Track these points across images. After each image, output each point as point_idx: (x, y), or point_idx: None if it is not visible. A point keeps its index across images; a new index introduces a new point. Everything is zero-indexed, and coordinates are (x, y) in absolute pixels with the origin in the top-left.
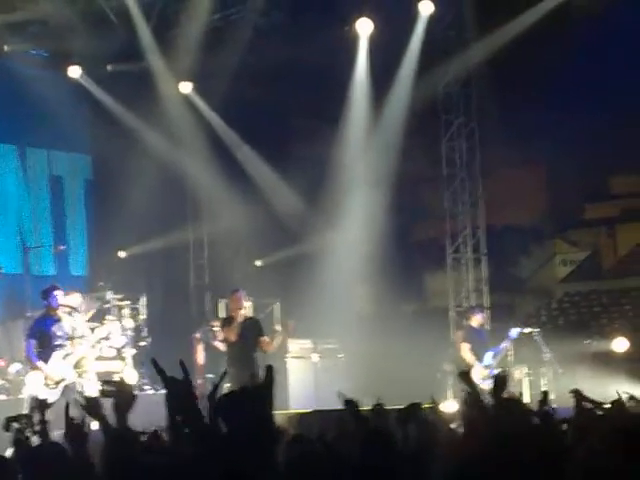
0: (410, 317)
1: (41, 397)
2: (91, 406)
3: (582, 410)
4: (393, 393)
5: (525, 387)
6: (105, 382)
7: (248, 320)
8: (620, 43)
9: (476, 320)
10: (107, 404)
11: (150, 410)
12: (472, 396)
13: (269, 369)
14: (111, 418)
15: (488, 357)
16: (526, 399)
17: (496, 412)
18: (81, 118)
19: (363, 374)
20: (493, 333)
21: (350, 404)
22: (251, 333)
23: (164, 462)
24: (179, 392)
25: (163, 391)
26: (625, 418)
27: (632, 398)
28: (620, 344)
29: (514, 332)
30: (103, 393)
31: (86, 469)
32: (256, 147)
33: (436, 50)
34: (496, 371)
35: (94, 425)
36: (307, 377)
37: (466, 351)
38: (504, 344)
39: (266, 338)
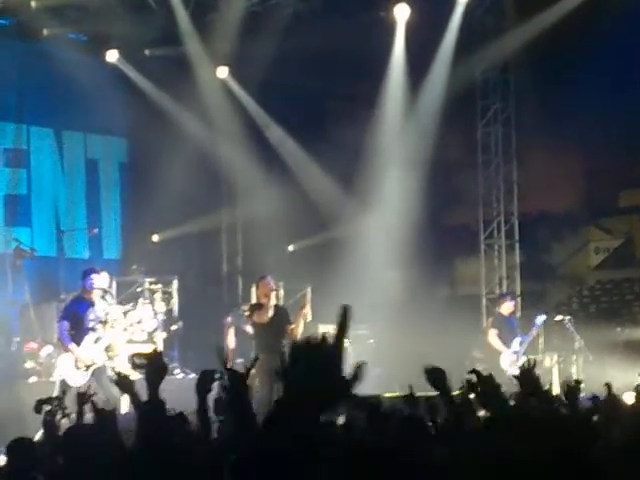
0: (441, 303)
1: (70, 381)
2: (123, 382)
3: (613, 402)
4: (422, 380)
5: (555, 375)
6: (135, 355)
7: (277, 308)
8: None
9: (506, 308)
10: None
11: (179, 395)
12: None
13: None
14: (143, 393)
15: (515, 343)
16: (556, 387)
17: (521, 401)
18: (118, 102)
19: (393, 360)
20: (524, 320)
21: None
22: (280, 320)
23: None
24: (236, 385)
25: (192, 375)
26: None
27: None
28: None
29: (540, 319)
30: (134, 365)
31: (117, 451)
32: (291, 131)
33: (474, 35)
34: (524, 358)
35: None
36: None
37: (493, 337)
38: (532, 331)
39: (293, 325)
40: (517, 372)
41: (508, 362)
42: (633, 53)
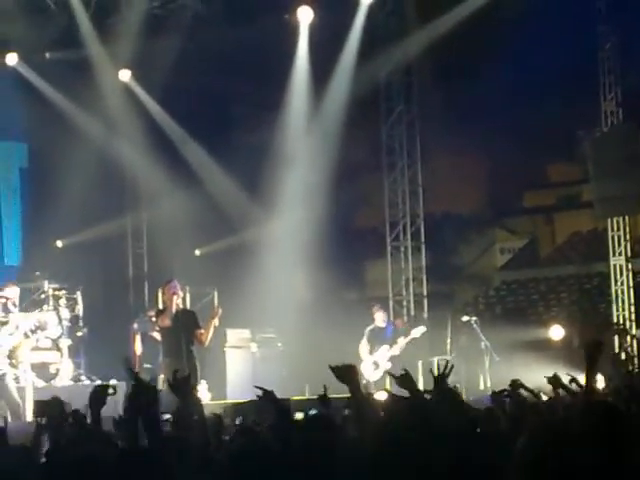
0: (350, 306)
1: None
2: None
3: (518, 401)
4: (332, 382)
5: (462, 375)
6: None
7: (184, 311)
8: (555, 33)
9: (379, 318)
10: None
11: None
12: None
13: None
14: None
15: (380, 352)
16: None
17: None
18: (17, 106)
19: (302, 363)
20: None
21: (267, 395)
22: (187, 324)
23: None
24: (144, 394)
25: (99, 382)
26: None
27: (573, 380)
28: (556, 332)
29: (417, 331)
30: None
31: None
32: (196, 135)
33: (377, 38)
34: (388, 365)
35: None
36: (245, 367)
37: (361, 346)
38: (402, 341)
39: (202, 330)
40: (374, 379)
41: (367, 370)
42: (534, 56)
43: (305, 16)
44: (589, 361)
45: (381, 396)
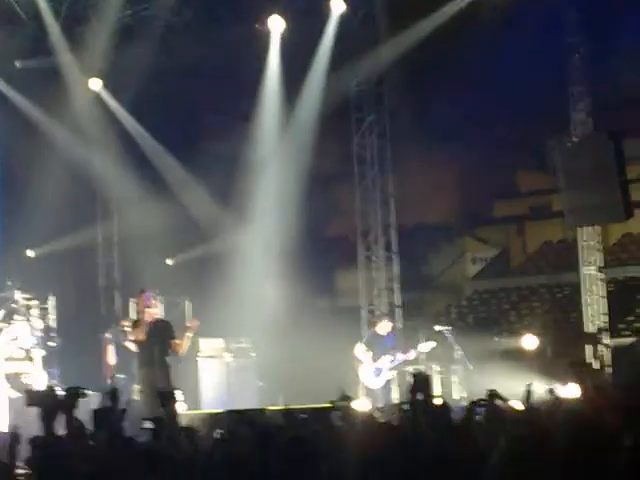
0: (322, 315)
1: None
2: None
3: (494, 411)
4: (305, 391)
5: (437, 385)
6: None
7: (159, 322)
8: (525, 44)
9: (382, 327)
10: None
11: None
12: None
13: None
14: None
15: (384, 360)
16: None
17: (412, 412)
18: None
19: (275, 373)
20: (404, 331)
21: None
22: (162, 335)
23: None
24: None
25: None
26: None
27: (551, 391)
28: (529, 341)
29: (424, 346)
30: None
31: None
32: (167, 144)
33: (348, 48)
34: (389, 375)
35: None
36: (219, 377)
37: (358, 349)
38: (409, 353)
39: (177, 340)
40: (374, 386)
41: (367, 374)
42: (503, 66)
43: (276, 25)
44: (578, 381)
45: (362, 407)
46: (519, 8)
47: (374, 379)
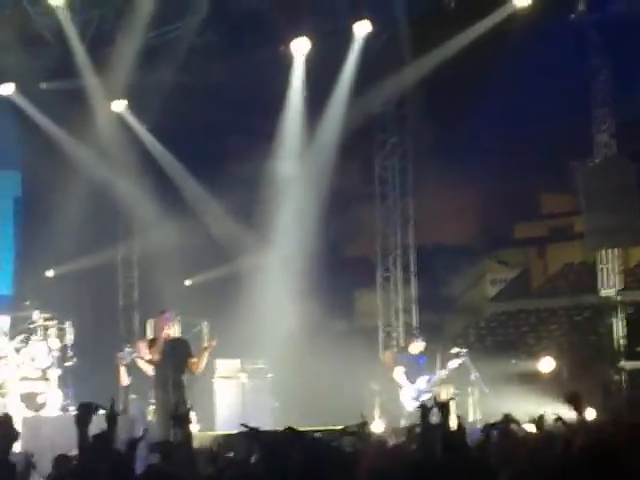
0: (339, 336)
1: None
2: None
3: (507, 435)
4: (321, 412)
5: (452, 407)
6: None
7: (175, 341)
8: (549, 65)
9: (415, 347)
10: None
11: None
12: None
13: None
14: None
15: (422, 381)
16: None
17: (424, 437)
18: (12, 135)
19: (291, 394)
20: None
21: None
22: (178, 354)
23: None
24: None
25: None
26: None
27: (559, 419)
28: (546, 364)
29: (453, 363)
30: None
31: None
32: (189, 165)
33: (372, 70)
34: (428, 395)
35: None
36: (235, 398)
37: (398, 373)
38: (441, 372)
39: (194, 359)
40: (413, 408)
41: (408, 397)
42: (527, 87)
43: (300, 47)
44: (576, 411)
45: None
46: (542, 30)
47: (414, 402)
